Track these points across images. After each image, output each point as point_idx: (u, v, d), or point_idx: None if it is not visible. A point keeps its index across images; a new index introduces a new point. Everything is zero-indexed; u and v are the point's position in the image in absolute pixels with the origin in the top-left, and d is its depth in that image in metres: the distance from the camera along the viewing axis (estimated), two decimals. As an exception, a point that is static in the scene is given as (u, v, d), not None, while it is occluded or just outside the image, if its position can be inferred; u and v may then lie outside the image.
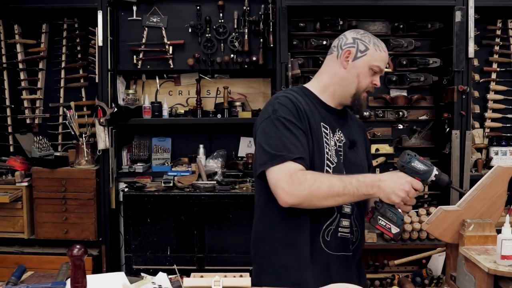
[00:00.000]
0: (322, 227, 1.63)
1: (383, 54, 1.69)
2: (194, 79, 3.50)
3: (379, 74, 1.70)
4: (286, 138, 1.55)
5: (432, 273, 2.85)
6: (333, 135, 1.67)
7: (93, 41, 3.29)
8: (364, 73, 1.67)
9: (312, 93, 1.72)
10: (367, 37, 1.71)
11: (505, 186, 1.55)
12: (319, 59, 3.22)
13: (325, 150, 1.62)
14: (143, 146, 3.53)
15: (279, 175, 1.52)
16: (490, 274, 1.32)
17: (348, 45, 1.69)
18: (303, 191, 1.49)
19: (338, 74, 1.69)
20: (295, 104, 1.61)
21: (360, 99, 1.69)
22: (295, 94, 1.68)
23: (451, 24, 3.05)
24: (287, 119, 1.58)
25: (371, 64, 1.66)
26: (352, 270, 1.71)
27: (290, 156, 1.52)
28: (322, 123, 1.65)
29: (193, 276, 1.50)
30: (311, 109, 1.66)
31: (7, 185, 3.17)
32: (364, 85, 1.68)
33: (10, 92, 3.51)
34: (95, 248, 3.25)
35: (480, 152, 3.42)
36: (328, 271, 1.63)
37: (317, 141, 1.62)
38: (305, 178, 1.50)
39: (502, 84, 3.44)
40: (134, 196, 3.19)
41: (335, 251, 1.66)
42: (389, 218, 1.55)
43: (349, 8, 3.17)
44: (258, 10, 3.24)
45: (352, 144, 1.72)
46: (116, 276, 1.57)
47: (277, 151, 1.53)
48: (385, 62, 1.71)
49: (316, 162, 1.60)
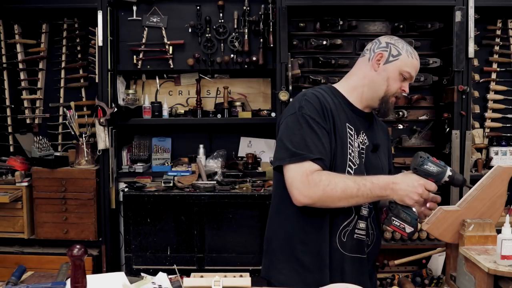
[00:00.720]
0: (339, 228, 1.64)
1: (415, 62, 1.69)
2: (194, 79, 3.50)
3: (408, 81, 1.70)
4: (309, 137, 1.56)
5: (432, 273, 2.85)
6: (357, 137, 1.68)
7: (93, 41, 3.29)
8: (394, 77, 1.67)
9: (340, 93, 1.72)
10: (401, 43, 1.71)
11: (505, 186, 1.55)
12: (319, 59, 3.22)
13: (348, 151, 1.63)
14: (143, 146, 3.53)
15: (295, 174, 1.54)
16: (490, 274, 1.32)
17: (381, 48, 1.71)
18: (317, 192, 1.51)
19: (368, 76, 1.70)
20: (322, 103, 1.62)
21: (388, 103, 1.69)
22: (323, 92, 1.69)
23: (451, 24, 3.05)
24: (311, 118, 1.58)
25: (402, 69, 1.67)
26: (365, 273, 1.71)
27: (310, 156, 1.53)
28: (348, 123, 1.66)
29: (193, 276, 1.50)
30: (337, 108, 1.66)
31: (7, 185, 3.17)
32: (393, 89, 1.68)
33: (10, 92, 3.51)
34: (95, 248, 3.25)
35: (480, 152, 3.42)
36: (342, 272, 1.63)
37: (341, 141, 1.62)
38: (320, 179, 1.51)
39: (502, 84, 3.44)
40: (134, 196, 3.19)
41: (350, 253, 1.66)
42: (403, 218, 1.56)
43: (349, 8, 3.17)
44: (258, 10, 3.24)
45: (376, 148, 1.73)
46: (116, 276, 1.57)
47: (298, 149, 1.54)
48: (416, 70, 1.71)
49: (338, 162, 1.60)
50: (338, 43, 3.22)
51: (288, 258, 1.66)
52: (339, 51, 3.30)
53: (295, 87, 3.20)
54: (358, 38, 3.33)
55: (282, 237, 1.69)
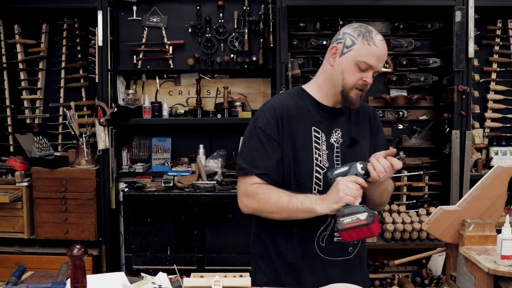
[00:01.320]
0: (316, 234, 1.63)
1: (373, 49, 1.55)
2: (194, 79, 3.50)
3: (371, 70, 1.57)
4: (257, 151, 1.61)
5: (432, 273, 2.86)
6: (329, 137, 1.64)
7: (93, 41, 3.29)
8: (349, 70, 1.57)
9: (308, 94, 1.69)
10: (358, 31, 1.58)
11: (505, 186, 1.55)
12: (319, 59, 3.22)
13: (315, 156, 1.61)
14: (143, 146, 3.53)
15: (240, 186, 1.65)
16: (490, 274, 1.32)
17: (337, 41, 1.62)
18: (254, 204, 1.60)
19: (327, 71, 1.65)
20: (278, 113, 1.62)
21: (349, 96, 1.59)
22: (289, 97, 1.68)
23: (451, 24, 3.05)
24: (262, 130, 1.61)
25: (357, 60, 1.56)
26: (355, 274, 1.68)
27: (254, 171, 1.60)
28: (314, 127, 1.63)
29: (193, 276, 1.50)
30: (303, 112, 1.64)
31: (7, 185, 3.17)
32: (350, 82, 1.58)
33: (10, 92, 3.50)
34: (95, 248, 3.25)
35: (480, 152, 3.42)
36: (327, 277, 1.62)
37: (304, 147, 1.61)
38: (257, 192, 1.59)
39: (502, 84, 3.44)
40: (134, 196, 3.19)
41: (332, 257, 1.65)
42: (349, 212, 1.44)
43: (349, 8, 3.17)
44: (258, 10, 3.24)
45: (353, 142, 1.68)
46: (116, 276, 1.57)
47: (245, 162, 1.62)
48: (376, 57, 1.56)
49: (303, 168, 1.61)
50: (338, 43, 3.22)
51: (267, 267, 1.69)
52: (339, 51, 3.29)
53: (295, 87, 3.20)
54: (358, 38, 3.32)
55: (258, 246, 1.73)
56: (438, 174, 3.33)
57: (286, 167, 1.62)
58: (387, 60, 3.30)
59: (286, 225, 1.62)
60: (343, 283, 1.47)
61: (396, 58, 3.32)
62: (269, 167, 1.60)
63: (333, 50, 1.61)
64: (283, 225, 1.63)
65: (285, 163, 1.61)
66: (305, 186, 1.61)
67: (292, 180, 1.62)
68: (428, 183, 3.35)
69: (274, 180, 1.61)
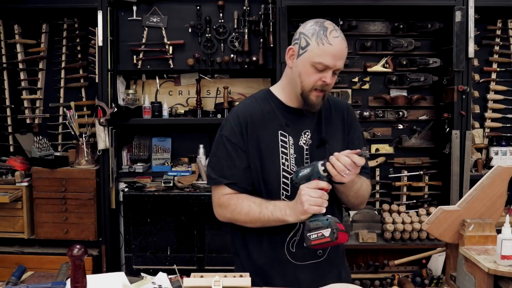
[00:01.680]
0: (286, 240, 1.63)
1: (328, 48, 1.50)
2: (194, 79, 3.50)
3: (329, 70, 1.52)
4: (224, 160, 1.62)
5: (432, 273, 2.86)
6: (297, 140, 1.63)
7: (93, 41, 3.29)
8: (305, 72, 1.54)
9: (275, 96, 1.67)
10: (313, 29, 1.52)
11: (505, 186, 1.55)
12: (319, 59, 3.22)
13: (281, 161, 1.60)
14: (143, 146, 3.53)
15: (213, 195, 1.68)
16: (490, 274, 1.32)
17: (294, 42, 1.58)
18: (227, 214, 1.64)
19: (287, 74, 1.64)
20: (242, 121, 1.61)
21: (308, 99, 1.56)
22: (255, 101, 1.67)
23: (451, 24, 3.05)
24: (228, 139, 1.62)
25: (312, 61, 1.51)
26: (326, 276, 1.66)
27: (223, 181, 1.62)
28: (281, 131, 1.62)
29: (193, 276, 1.50)
30: (269, 117, 1.63)
31: (7, 185, 3.17)
32: (308, 84, 1.54)
33: (10, 92, 3.50)
34: (95, 248, 3.25)
35: (480, 152, 3.42)
36: (298, 282, 1.62)
37: (270, 153, 1.60)
38: (228, 203, 1.62)
39: (502, 84, 3.44)
40: (134, 196, 3.20)
41: (303, 261, 1.64)
42: (315, 228, 1.46)
43: (349, 8, 3.17)
44: (258, 10, 3.24)
45: (323, 142, 1.65)
46: (116, 276, 1.57)
47: (214, 172, 1.64)
48: (333, 56, 1.50)
49: (270, 174, 1.61)
50: (338, 43, 3.22)
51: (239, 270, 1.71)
52: (339, 51, 3.30)
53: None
54: (358, 38, 3.33)
55: (233, 250, 1.78)
56: (438, 174, 3.33)
57: (254, 174, 1.62)
58: (387, 60, 3.30)
59: (257, 230, 1.64)
60: (342, 283, 1.47)
61: (396, 58, 3.32)
62: (237, 176, 1.61)
63: (290, 52, 1.59)
64: (255, 231, 1.64)
65: (252, 170, 1.62)
66: (273, 192, 1.61)
67: (261, 186, 1.62)
68: (428, 183, 3.35)
69: (244, 188, 1.62)
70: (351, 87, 3.34)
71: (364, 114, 3.31)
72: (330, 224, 1.44)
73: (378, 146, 3.38)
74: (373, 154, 3.38)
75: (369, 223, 3.06)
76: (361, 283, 2.94)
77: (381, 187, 3.38)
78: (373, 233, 2.99)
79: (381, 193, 3.38)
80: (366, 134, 3.33)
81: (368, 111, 3.32)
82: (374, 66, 3.32)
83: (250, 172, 1.62)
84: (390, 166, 3.40)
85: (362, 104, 3.36)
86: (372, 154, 3.38)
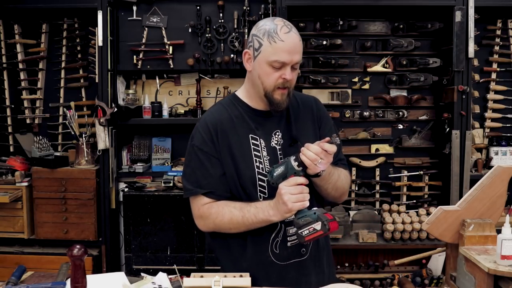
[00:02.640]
0: (269, 242, 1.63)
1: (280, 45, 1.50)
2: (194, 79, 3.50)
3: (287, 66, 1.52)
4: (198, 170, 1.62)
5: (432, 273, 2.85)
6: (269, 142, 1.63)
7: (93, 41, 3.29)
8: (264, 73, 1.55)
9: (241, 101, 1.68)
10: (263, 30, 1.53)
11: (505, 186, 1.55)
12: (319, 59, 3.22)
13: (255, 164, 1.61)
14: (143, 146, 3.53)
15: (192, 207, 1.67)
16: (490, 274, 1.32)
17: (248, 44, 1.59)
18: (210, 224, 1.63)
19: (248, 77, 1.65)
20: (211, 129, 1.62)
21: (273, 98, 1.57)
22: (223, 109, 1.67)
23: (451, 24, 3.05)
24: (199, 149, 1.62)
25: (268, 60, 1.52)
26: (309, 274, 1.68)
27: (200, 191, 1.62)
28: (251, 134, 1.62)
29: (193, 276, 1.50)
30: (238, 122, 1.63)
31: (7, 185, 3.17)
32: (270, 84, 1.55)
33: (10, 92, 3.50)
34: (95, 248, 3.25)
35: (480, 152, 3.42)
36: (283, 282, 1.62)
37: (244, 158, 1.61)
38: (209, 212, 1.61)
39: (502, 84, 3.43)
40: (134, 196, 3.20)
41: (287, 261, 1.65)
42: (304, 223, 1.48)
43: (349, 8, 3.17)
44: (258, 10, 3.24)
45: (294, 140, 1.65)
46: (116, 276, 1.57)
47: (189, 183, 1.64)
48: (287, 51, 1.50)
49: (246, 179, 1.61)
50: (338, 43, 3.22)
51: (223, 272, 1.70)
52: (339, 51, 3.30)
53: (295, 87, 3.18)
54: (358, 38, 3.33)
55: (216, 259, 1.78)
56: (438, 174, 3.33)
57: (231, 180, 1.62)
58: (387, 60, 3.30)
59: (241, 235, 1.63)
60: (336, 283, 1.47)
61: (396, 58, 3.32)
62: (213, 184, 1.61)
63: (247, 56, 1.60)
64: (238, 235, 1.64)
65: (228, 176, 1.62)
66: (251, 196, 1.61)
67: (239, 191, 1.62)
68: (428, 183, 3.35)
69: (222, 196, 1.62)
70: (351, 87, 3.34)
71: (364, 114, 3.31)
72: (319, 217, 1.46)
73: (378, 146, 3.38)
74: (373, 154, 3.38)
75: (369, 223, 3.06)
76: (361, 283, 2.94)
77: (381, 187, 3.38)
78: (373, 233, 2.98)
79: (381, 193, 3.38)
80: (366, 134, 3.33)
81: (368, 111, 3.32)
82: (374, 66, 3.32)
83: (225, 179, 1.62)
84: (390, 166, 3.40)
85: (362, 104, 3.36)
86: (372, 154, 3.38)
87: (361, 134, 3.34)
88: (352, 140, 3.35)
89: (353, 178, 3.36)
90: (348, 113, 3.33)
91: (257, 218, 1.55)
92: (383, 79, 3.37)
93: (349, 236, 3.02)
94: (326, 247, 1.76)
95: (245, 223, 1.57)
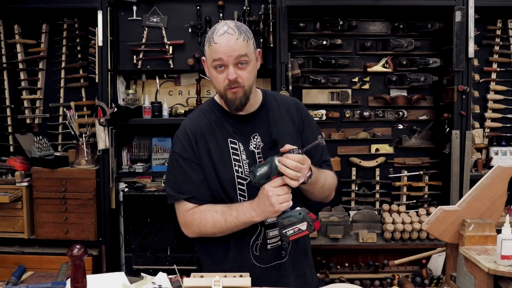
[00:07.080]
0: (249, 245, 1.65)
1: (214, 48, 1.55)
2: (194, 79, 3.50)
3: (229, 64, 1.55)
4: (180, 176, 1.64)
5: (432, 273, 2.85)
6: (248, 146, 1.65)
7: (93, 41, 3.29)
8: (212, 76, 1.61)
9: (219, 105, 1.71)
10: (207, 37, 1.59)
11: (505, 186, 1.55)
12: (319, 59, 3.22)
13: (234, 168, 1.63)
14: (143, 146, 3.53)
15: (178, 215, 1.69)
16: (490, 274, 1.32)
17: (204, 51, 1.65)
18: (195, 230, 1.65)
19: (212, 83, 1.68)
20: (190, 135, 1.64)
21: (228, 99, 1.61)
22: (202, 114, 1.69)
23: (451, 24, 3.05)
24: (180, 155, 1.65)
25: (210, 64, 1.59)
26: (291, 276, 1.69)
27: (181, 197, 1.64)
28: (230, 138, 1.65)
29: (193, 276, 1.50)
30: (216, 126, 1.66)
31: (7, 185, 3.17)
32: (219, 86, 1.60)
33: (10, 92, 3.50)
34: (95, 248, 3.25)
35: (480, 152, 3.42)
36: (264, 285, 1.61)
37: (223, 162, 1.63)
38: (193, 218, 1.63)
39: (502, 84, 3.44)
40: (134, 196, 3.20)
41: (267, 263, 1.67)
42: (289, 224, 1.49)
43: (349, 8, 3.17)
44: (258, 10, 3.24)
45: (274, 143, 1.67)
46: (116, 276, 1.57)
47: (172, 189, 1.66)
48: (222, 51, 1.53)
49: (226, 183, 1.63)
50: (338, 43, 3.22)
51: None
52: (339, 51, 3.30)
53: (295, 87, 3.20)
54: (358, 38, 3.33)
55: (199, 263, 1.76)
56: (438, 174, 3.33)
57: (212, 184, 1.64)
58: (387, 60, 3.31)
59: (225, 238, 1.65)
60: (342, 283, 1.47)
61: (396, 58, 3.32)
62: (194, 190, 1.63)
63: (204, 64, 1.66)
64: (222, 239, 1.65)
65: (209, 181, 1.64)
66: (233, 199, 1.63)
67: (221, 195, 1.64)
68: (428, 183, 3.35)
69: (204, 200, 1.64)
70: (351, 87, 3.34)
71: (364, 114, 3.31)
72: (305, 217, 1.49)
73: (378, 146, 3.38)
74: (373, 154, 3.38)
75: (369, 223, 3.06)
76: (361, 283, 2.94)
77: (381, 187, 3.38)
78: (373, 233, 2.99)
79: (381, 193, 3.38)
80: (366, 134, 3.33)
81: (368, 111, 3.32)
82: (374, 66, 3.32)
83: (207, 183, 1.64)
84: (390, 166, 3.40)
85: (362, 104, 3.37)
86: (372, 154, 3.38)
87: (361, 134, 3.34)
88: (352, 140, 3.35)
89: (353, 178, 3.36)
90: (348, 113, 3.33)
91: (239, 221, 1.57)
92: (383, 79, 3.37)
93: (349, 236, 3.02)
94: (305, 250, 1.78)
95: (228, 226, 1.59)
